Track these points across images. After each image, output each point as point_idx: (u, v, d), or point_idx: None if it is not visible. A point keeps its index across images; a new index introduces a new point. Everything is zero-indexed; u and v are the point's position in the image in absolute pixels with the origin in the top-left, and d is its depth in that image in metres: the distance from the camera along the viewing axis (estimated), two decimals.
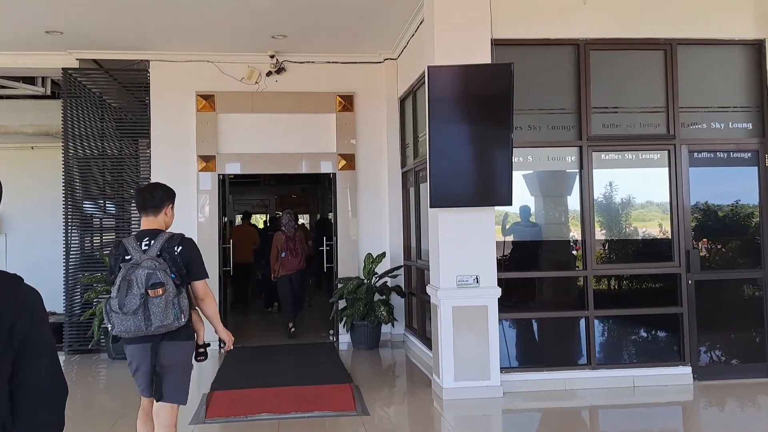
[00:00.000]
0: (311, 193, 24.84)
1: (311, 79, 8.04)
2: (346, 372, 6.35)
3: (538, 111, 5.68)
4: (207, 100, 7.86)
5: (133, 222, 8.03)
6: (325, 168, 8.18)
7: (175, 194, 3.63)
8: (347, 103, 8.07)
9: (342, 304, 7.69)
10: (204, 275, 3.38)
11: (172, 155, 7.84)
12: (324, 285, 11.99)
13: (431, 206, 5.12)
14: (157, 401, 3.28)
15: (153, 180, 7.80)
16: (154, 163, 7.83)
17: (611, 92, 5.74)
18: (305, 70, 8.06)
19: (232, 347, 3.62)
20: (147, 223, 3.43)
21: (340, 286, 7.71)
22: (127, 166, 8.06)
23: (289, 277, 8.46)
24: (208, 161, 7.84)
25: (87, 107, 7.98)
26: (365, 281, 7.59)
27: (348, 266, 8.03)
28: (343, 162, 8.06)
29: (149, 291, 3.06)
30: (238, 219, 12.42)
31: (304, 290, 9.36)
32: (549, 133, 5.69)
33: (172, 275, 3.16)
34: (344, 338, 7.88)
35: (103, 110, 8.14)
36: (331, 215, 19.65)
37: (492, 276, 5.35)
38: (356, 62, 8.12)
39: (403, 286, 7.84)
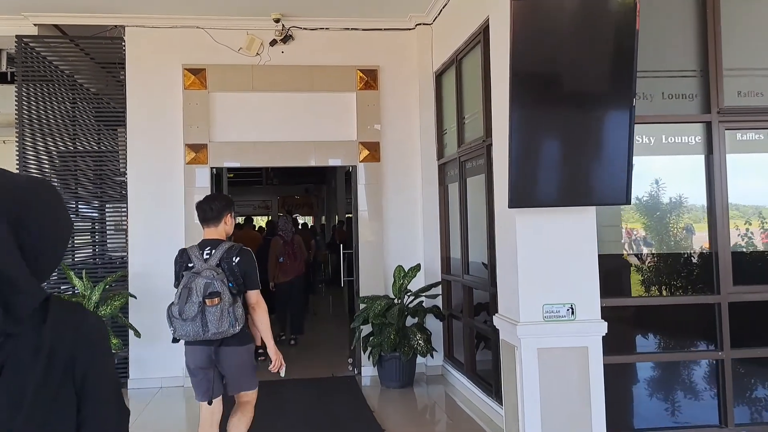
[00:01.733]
0: (316, 194, 23.49)
1: (326, 50, 6.49)
2: (379, 428, 4.78)
3: (646, 73, 4.11)
4: (196, 75, 6.30)
5: (108, 224, 6.49)
6: (343, 159, 6.61)
7: (233, 202, 3.76)
8: (370, 79, 6.51)
9: (366, 328, 6.12)
10: (257, 286, 3.49)
11: (153, 144, 6.28)
12: (340, 295, 11.01)
13: (510, 205, 3.56)
14: (235, 394, 3.54)
15: (129, 175, 6.26)
16: (131, 153, 6.27)
17: (750, 48, 4.19)
18: (318, 39, 6.50)
19: (280, 373, 3.64)
20: (208, 233, 3.59)
21: (362, 306, 6.15)
22: (106, 160, 6.48)
23: (289, 283, 7.79)
24: (197, 151, 6.28)
25: (51, 87, 6.41)
26: (396, 301, 6.03)
27: (371, 281, 6.47)
28: (366, 152, 6.50)
29: (206, 300, 3.23)
30: (239, 220, 11.28)
31: (308, 296, 9.17)
32: (664, 104, 4.13)
33: (230, 284, 3.33)
34: (368, 370, 6.33)
35: (74, 93, 6.57)
36: (325, 224, 18.10)
37: (593, 305, 3.78)
38: (381, 29, 6.56)
39: (441, 307, 6.29)
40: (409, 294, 6.04)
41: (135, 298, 6.03)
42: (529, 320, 3.77)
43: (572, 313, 3.79)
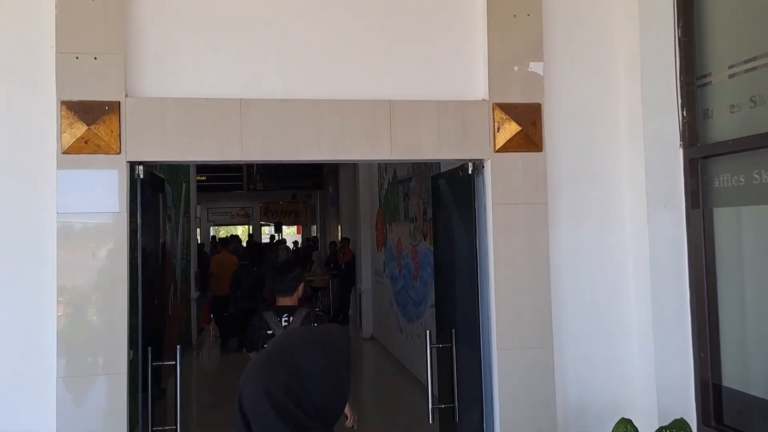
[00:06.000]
0: (305, 200, 19.92)
1: None
2: None
3: None
4: None
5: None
6: (455, 147, 2.77)
7: (300, 272, 3.51)
8: None
9: None
10: None
11: None
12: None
13: None
14: None
15: None
16: None
17: None
18: None
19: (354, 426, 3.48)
20: (283, 301, 3.55)
21: None
22: None
23: None
24: (94, 121, 2.41)
25: None
26: None
27: None
28: (511, 127, 2.70)
29: None
30: (222, 234, 9.51)
31: None
32: None
33: None
34: None
35: None
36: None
37: None
38: None
39: None
40: None
41: None
42: None
43: None
